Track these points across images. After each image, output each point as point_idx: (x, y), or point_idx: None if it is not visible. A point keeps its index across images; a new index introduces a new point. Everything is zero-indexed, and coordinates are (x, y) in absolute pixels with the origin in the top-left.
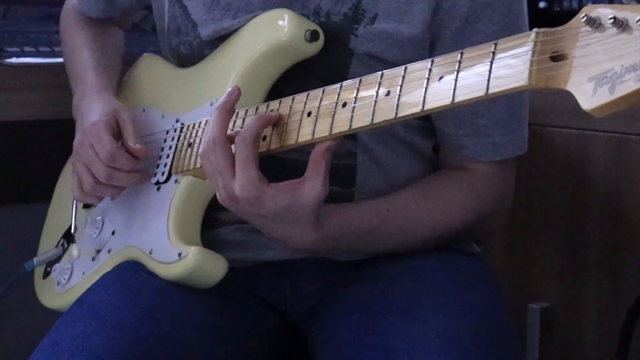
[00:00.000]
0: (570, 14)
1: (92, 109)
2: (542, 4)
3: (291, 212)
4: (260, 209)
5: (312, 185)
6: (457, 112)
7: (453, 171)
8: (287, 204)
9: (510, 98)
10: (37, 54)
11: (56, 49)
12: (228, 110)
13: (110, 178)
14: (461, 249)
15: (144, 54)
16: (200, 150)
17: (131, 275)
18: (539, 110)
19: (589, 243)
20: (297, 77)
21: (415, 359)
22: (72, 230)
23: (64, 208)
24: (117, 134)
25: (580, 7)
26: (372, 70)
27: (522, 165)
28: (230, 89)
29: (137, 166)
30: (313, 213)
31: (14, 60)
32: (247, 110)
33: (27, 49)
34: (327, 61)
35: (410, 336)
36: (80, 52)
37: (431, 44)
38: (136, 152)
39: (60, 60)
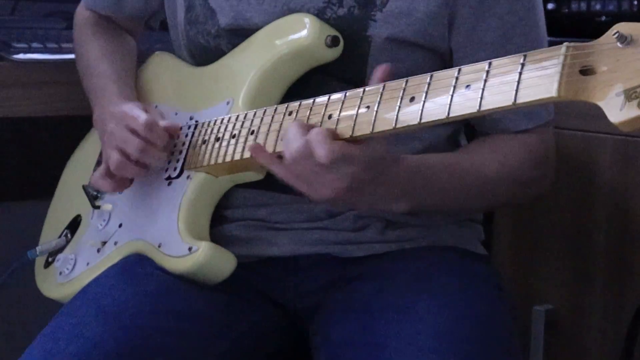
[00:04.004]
0: (579, 15)
1: (120, 106)
2: (550, 6)
3: (382, 160)
4: (355, 165)
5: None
6: None
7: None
8: (379, 152)
9: None
10: (45, 50)
11: (63, 45)
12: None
13: (144, 151)
14: (467, 250)
15: (157, 51)
16: (292, 156)
17: (136, 268)
18: None
19: (595, 245)
20: (313, 76)
21: (407, 356)
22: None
23: (68, 199)
24: None
25: (589, 9)
26: (392, 55)
27: None
28: None
29: (170, 146)
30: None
31: (21, 56)
32: (265, 110)
33: (34, 45)
34: (344, 55)
35: (404, 334)
36: (98, 65)
37: (450, 22)
38: (169, 128)
39: (68, 56)
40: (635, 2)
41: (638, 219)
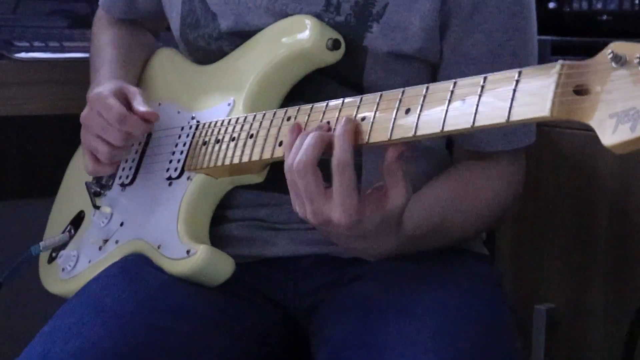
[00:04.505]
0: (580, 14)
1: (100, 87)
2: (551, 5)
3: (384, 224)
4: (358, 230)
5: (396, 192)
6: None
7: (478, 161)
8: (381, 218)
9: None
10: (47, 49)
11: (66, 44)
12: (325, 142)
13: (127, 141)
14: (468, 250)
15: (162, 47)
16: (288, 170)
17: (136, 267)
18: None
19: (596, 244)
20: (312, 77)
21: (406, 356)
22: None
23: (71, 195)
24: (126, 105)
25: (590, 8)
26: (389, 67)
27: (529, 166)
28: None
29: (149, 129)
30: (400, 216)
31: (23, 55)
32: (264, 114)
33: (36, 44)
34: (343, 61)
35: (403, 334)
36: (104, 49)
37: (441, 32)
38: (145, 115)
39: (70, 55)
40: (637, 2)
41: (638, 218)
